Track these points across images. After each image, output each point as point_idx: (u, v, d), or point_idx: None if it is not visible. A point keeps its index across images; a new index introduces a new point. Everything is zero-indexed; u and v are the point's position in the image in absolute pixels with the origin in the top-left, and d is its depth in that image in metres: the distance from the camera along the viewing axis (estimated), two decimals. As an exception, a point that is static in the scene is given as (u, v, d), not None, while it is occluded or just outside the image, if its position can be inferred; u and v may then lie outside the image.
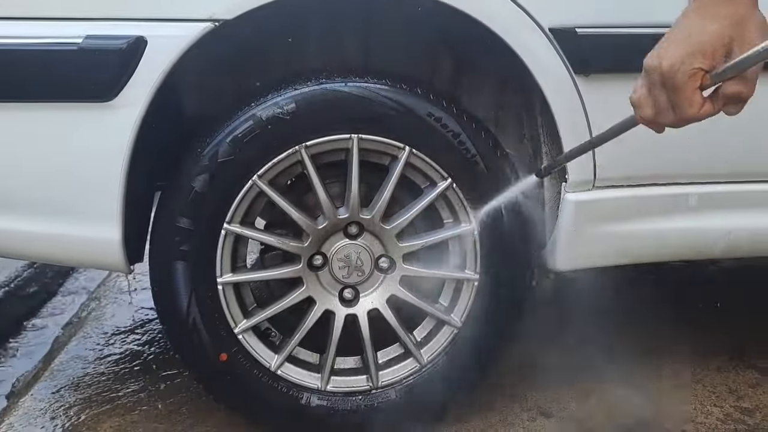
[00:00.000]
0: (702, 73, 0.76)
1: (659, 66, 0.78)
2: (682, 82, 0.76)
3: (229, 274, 1.39)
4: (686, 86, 0.76)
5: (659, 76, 0.78)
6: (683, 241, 1.52)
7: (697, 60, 0.75)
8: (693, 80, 0.76)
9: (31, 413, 1.69)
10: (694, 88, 0.76)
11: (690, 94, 0.77)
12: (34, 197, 1.30)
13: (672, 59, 0.76)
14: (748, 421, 1.58)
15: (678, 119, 0.79)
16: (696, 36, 0.76)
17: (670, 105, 0.79)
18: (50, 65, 1.22)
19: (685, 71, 0.76)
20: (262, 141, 1.33)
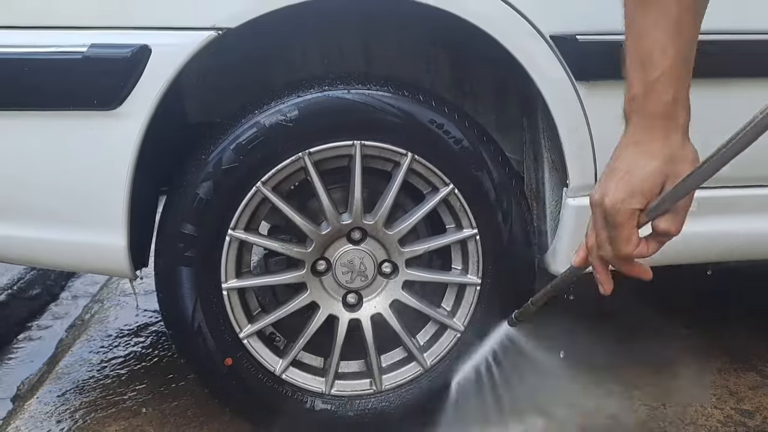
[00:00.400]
0: (639, 212, 0.80)
1: (602, 203, 0.81)
2: (622, 220, 0.79)
3: (234, 279, 1.40)
4: (625, 225, 0.80)
5: (602, 212, 0.81)
6: (682, 245, 1.53)
7: (636, 200, 0.79)
8: (631, 219, 0.79)
9: (37, 416, 1.71)
10: (632, 227, 0.80)
11: (628, 233, 0.80)
12: (39, 204, 1.31)
13: (613, 198, 0.79)
14: (748, 423, 1.59)
15: (615, 256, 0.83)
16: (635, 175, 0.79)
17: (609, 241, 0.82)
18: (55, 74, 1.24)
19: (625, 210, 0.79)
20: (266, 148, 1.34)
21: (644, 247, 0.83)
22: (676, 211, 0.79)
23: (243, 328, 1.42)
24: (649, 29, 0.77)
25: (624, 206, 0.79)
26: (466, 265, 1.49)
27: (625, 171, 0.80)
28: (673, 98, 0.78)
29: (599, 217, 0.82)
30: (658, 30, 0.77)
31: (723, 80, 1.41)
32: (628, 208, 0.79)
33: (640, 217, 0.80)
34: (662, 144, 0.78)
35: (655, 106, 0.78)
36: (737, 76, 1.43)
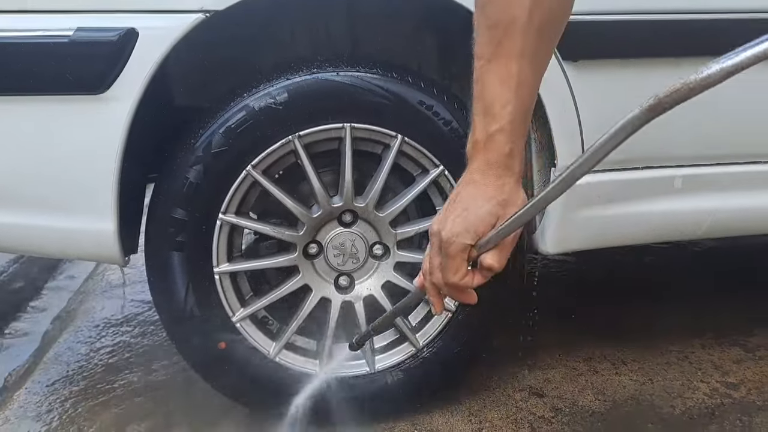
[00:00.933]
0: (470, 247, 0.87)
1: (439, 234, 0.89)
2: (454, 252, 0.87)
3: (226, 263, 1.40)
4: (456, 257, 0.88)
5: (438, 242, 0.89)
6: (669, 223, 1.56)
7: (469, 236, 0.86)
8: (462, 253, 0.87)
9: (26, 406, 1.69)
10: (462, 260, 0.88)
11: (458, 264, 0.88)
12: (27, 190, 1.30)
13: (449, 232, 0.87)
14: (733, 395, 1.63)
15: (444, 283, 0.91)
16: (471, 213, 0.87)
17: (440, 267, 0.90)
18: (42, 58, 1.22)
19: (459, 244, 0.87)
20: (256, 131, 1.34)
21: (470, 278, 0.91)
22: (502, 248, 0.88)
23: (236, 312, 1.42)
24: (493, 83, 0.84)
25: (458, 240, 0.86)
26: (457, 246, 1.50)
27: (462, 208, 0.87)
28: (510, 150, 0.86)
29: (435, 245, 0.90)
30: (502, 86, 0.84)
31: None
32: (461, 242, 0.86)
33: (470, 252, 0.88)
34: (497, 188, 0.86)
35: (494, 155, 0.86)
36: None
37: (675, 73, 1.51)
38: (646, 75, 1.45)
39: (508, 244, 0.88)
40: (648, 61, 1.44)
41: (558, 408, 1.60)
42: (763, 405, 1.58)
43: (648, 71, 1.44)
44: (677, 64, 1.45)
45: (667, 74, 1.46)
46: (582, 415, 1.56)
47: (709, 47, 1.43)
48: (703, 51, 1.43)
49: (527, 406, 1.60)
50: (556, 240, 1.52)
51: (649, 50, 1.42)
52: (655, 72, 1.45)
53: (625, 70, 1.44)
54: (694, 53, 1.43)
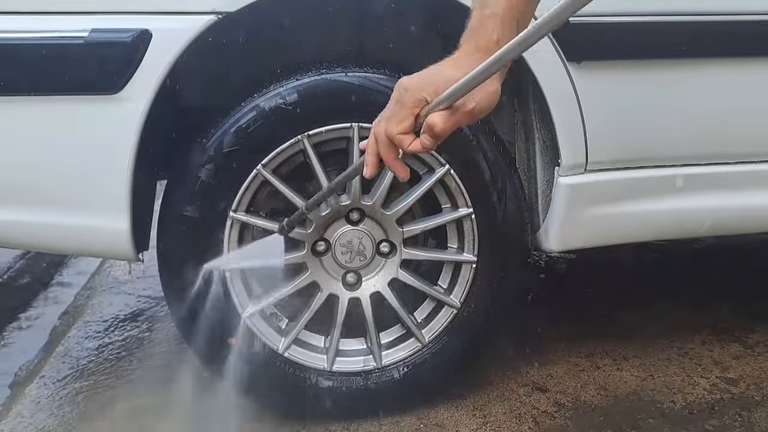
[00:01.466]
0: (424, 104, 0.87)
1: (401, 83, 0.90)
2: (407, 100, 0.88)
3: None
4: (406, 106, 0.88)
5: (397, 89, 0.90)
6: (671, 221, 1.59)
7: (426, 90, 0.87)
8: (414, 106, 0.88)
9: (39, 401, 1.72)
10: (411, 113, 0.88)
11: (405, 115, 0.88)
12: (43, 189, 1.32)
13: (411, 82, 0.89)
14: (733, 391, 1.66)
15: (385, 130, 0.90)
16: (439, 76, 0.88)
17: (388, 117, 0.90)
18: (57, 59, 1.24)
19: (414, 94, 0.87)
20: (266, 131, 1.36)
21: (409, 138, 0.89)
22: (452, 112, 0.86)
23: (245, 308, 1.45)
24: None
25: (415, 92, 0.87)
26: (462, 244, 1.52)
27: (434, 71, 0.89)
28: (497, 40, 0.88)
29: (395, 94, 0.90)
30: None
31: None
32: (417, 94, 0.87)
33: (422, 110, 0.88)
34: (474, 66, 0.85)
35: (483, 40, 0.89)
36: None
37: (676, 74, 1.54)
38: (648, 76, 1.48)
39: (460, 113, 0.87)
40: (649, 63, 1.46)
41: (561, 403, 1.62)
42: (762, 400, 1.61)
43: (650, 72, 1.47)
44: (678, 65, 1.47)
45: (669, 75, 1.50)
46: (584, 410, 1.59)
47: (710, 48, 1.47)
48: (704, 52, 1.47)
49: (530, 401, 1.63)
50: (559, 238, 1.55)
51: (651, 52, 1.45)
52: (657, 73, 1.48)
53: (628, 71, 1.47)
54: (695, 54, 1.46)
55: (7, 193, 1.33)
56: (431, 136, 0.87)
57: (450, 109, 0.86)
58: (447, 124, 0.86)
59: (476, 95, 0.86)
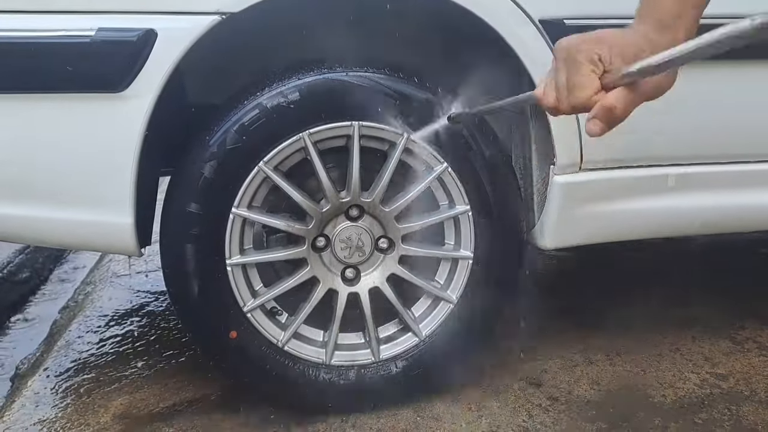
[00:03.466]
0: (602, 65, 0.76)
1: (567, 43, 0.78)
2: (582, 60, 0.75)
3: (238, 256, 1.45)
4: (583, 67, 0.75)
5: (563, 51, 0.78)
6: (664, 219, 1.62)
7: (601, 47, 0.75)
8: (591, 63, 0.75)
9: (40, 393, 1.75)
10: (590, 71, 0.75)
11: (586, 76, 0.75)
12: (49, 185, 1.35)
13: (579, 40, 0.77)
14: (722, 386, 1.70)
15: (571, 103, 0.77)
16: (612, 35, 0.78)
17: (566, 85, 0.77)
18: (64, 57, 1.26)
19: (588, 51, 0.75)
20: (268, 128, 1.39)
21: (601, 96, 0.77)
22: (632, 91, 0.75)
23: (247, 302, 1.47)
24: None
25: (587, 47, 0.76)
26: (459, 240, 1.56)
27: (605, 31, 0.79)
28: (678, 12, 0.79)
29: (561, 59, 0.78)
30: None
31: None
32: (591, 50, 0.75)
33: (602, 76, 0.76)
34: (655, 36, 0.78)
35: (661, 13, 0.79)
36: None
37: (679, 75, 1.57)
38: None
39: (641, 93, 0.75)
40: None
41: (555, 397, 1.66)
42: (750, 395, 1.65)
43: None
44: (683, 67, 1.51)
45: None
46: (577, 404, 1.63)
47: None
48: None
49: (525, 395, 1.67)
50: (554, 235, 1.59)
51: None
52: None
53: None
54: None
55: (14, 189, 1.35)
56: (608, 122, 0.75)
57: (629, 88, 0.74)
58: (627, 107, 0.74)
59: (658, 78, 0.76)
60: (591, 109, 0.76)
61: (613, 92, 0.74)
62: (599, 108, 0.74)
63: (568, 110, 0.79)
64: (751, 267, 2.57)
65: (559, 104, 0.79)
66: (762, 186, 1.64)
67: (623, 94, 0.74)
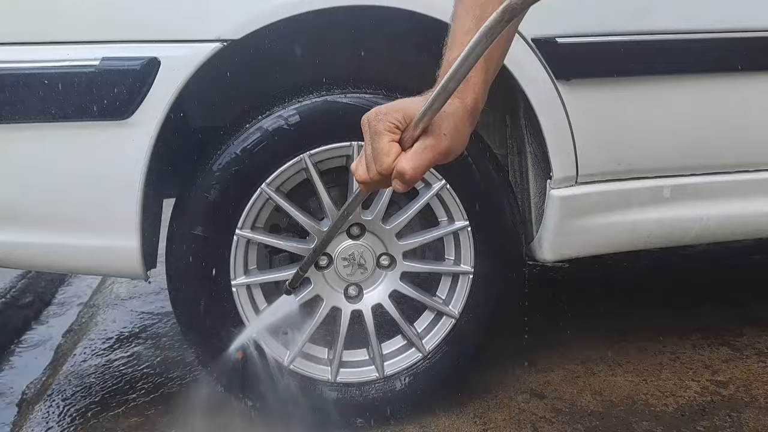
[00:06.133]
0: (399, 131, 0.81)
1: (367, 116, 0.83)
2: (380, 130, 0.80)
3: (242, 276, 1.48)
4: (383, 135, 0.80)
5: (366, 125, 0.83)
6: (659, 230, 1.65)
7: (397, 115, 0.81)
8: (389, 131, 0.80)
9: (48, 418, 1.76)
10: (390, 139, 0.80)
11: (386, 144, 0.80)
12: (57, 212, 1.37)
13: (376, 110, 0.82)
14: (723, 393, 1.72)
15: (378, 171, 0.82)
16: (405, 102, 0.83)
17: (372, 156, 0.82)
18: (69, 87, 1.30)
19: (384, 121, 0.80)
20: (270, 151, 1.42)
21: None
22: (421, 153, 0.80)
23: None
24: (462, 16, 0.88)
25: (385, 117, 0.80)
26: (459, 256, 1.58)
27: (400, 101, 0.84)
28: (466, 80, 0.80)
29: (366, 133, 0.83)
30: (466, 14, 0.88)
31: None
32: (388, 119, 0.80)
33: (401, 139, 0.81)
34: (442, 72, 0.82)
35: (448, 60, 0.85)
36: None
37: (660, 90, 1.61)
38: (634, 92, 1.55)
39: (429, 152, 0.80)
40: (635, 80, 1.53)
41: (558, 408, 1.68)
42: (751, 401, 1.67)
43: (636, 89, 1.54)
44: (663, 82, 1.55)
45: (653, 91, 1.57)
46: (581, 415, 1.64)
47: (693, 65, 1.54)
48: (686, 69, 1.54)
49: (529, 408, 1.68)
50: (552, 248, 1.61)
51: (636, 69, 1.52)
52: (642, 89, 1.55)
53: (615, 87, 1.54)
54: (678, 71, 1.53)
55: (21, 216, 1.38)
56: (403, 183, 0.81)
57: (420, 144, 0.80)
58: (416, 169, 0.80)
59: (449, 132, 0.82)
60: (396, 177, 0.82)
61: (404, 157, 0.80)
62: (394, 172, 0.81)
63: (377, 178, 0.83)
64: (748, 274, 2.60)
65: (368, 174, 0.83)
66: (756, 195, 1.68)
67: (412, 157, 0.80)
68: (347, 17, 1.40)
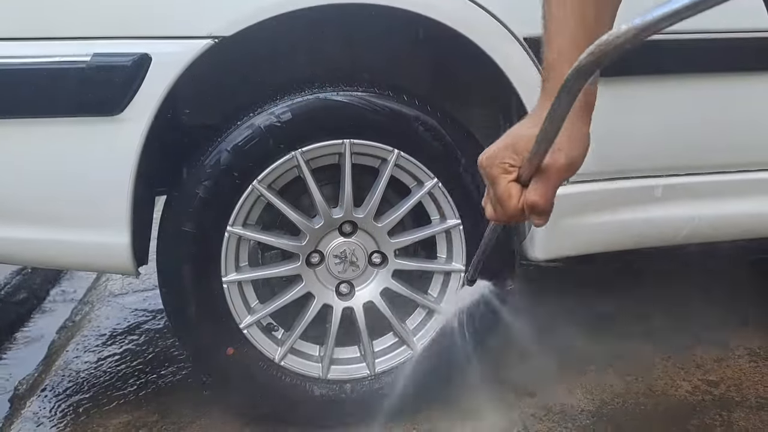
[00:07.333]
0: (515, 169, 0.78)
1: (481, 161, 0.81)
2: (496, 174, 0.78)
3: (233, 273, 1.48)
4: (500, 179, 0.78)
5: (482, 170, 0.81)
6: (650, 230, 1.65)
7: (507, 154, 0.78)
8: (505, 174, 0.78)
9: (40, 413, 1.76)
10: (507, 181, 0.78)
11: (505, 187, 0.78)
12: (47, 208, 1.37)
13: (489, 154, 0.80)
14: (714, 392, 1.72)
15: (507, 213, 0.80)
16: (513, 135, 0.80)
17: (496, 200, 0.80)
18: (61, 82, 1.30)
19: (498, 164, 0.78)
20: (261, 148, 1.42)
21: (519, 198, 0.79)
22: (545, 180, 0.77)
23: (243, 319, 1.50)
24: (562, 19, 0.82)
25: (497, 161, 0.78)
26: (451, 254, 1.58)
27: (510, 133, 0.81)
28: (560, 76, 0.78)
29: (483, 175, 0.82)
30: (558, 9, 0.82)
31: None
32: (499, 161, 0.78)
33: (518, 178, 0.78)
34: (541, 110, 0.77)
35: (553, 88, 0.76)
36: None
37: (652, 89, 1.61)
38: (626, 92, 1.55)
39: (553, 173, 0.76)
40: (627, 79, 1.53)
41: (549, 407, 1.68)
42: (742, 401, 1.68)
43: (628, 88, 1.54)
44: (654, 81, 1.55)
45: (645, 91, 1.57)
46: (571, 414, 1.65)
47: (684, 65, 1.54)
48: (678, 69, 1.54)
49: (520, 406, 1.69)
50: (544, 247, 1.62)
51: (627, 69, 1.51)
52: (634, 89, 1.55)
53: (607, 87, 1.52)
54: (669, 71, 1.54)
55: (11, 211, 1.38)
56: (539, 215, 0.78)
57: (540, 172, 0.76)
58: (546, 196, 0.76)
59: (563, 145, 0.77)
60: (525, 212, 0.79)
61: (529, 190, 0.77)
62: (527, 209, 0.78)
63: (507, 221, 0.82)
64: (740, 275, 2.59)
65: (497, 216, 0.83)
66: (747, 195, 1.68)
67: (537, 187, 0.77)
68: (339, 15, 1.41)
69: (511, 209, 0.79)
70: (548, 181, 0.77)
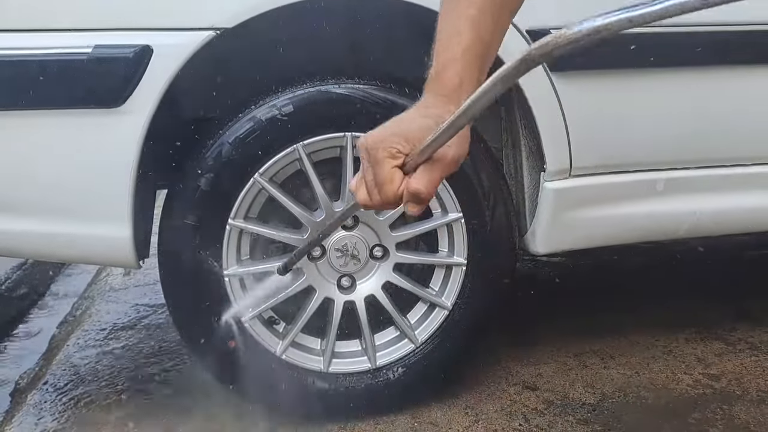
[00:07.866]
0: (402, 156, 0.79)
1: (365, 142, 0.81)
2: (381, 157, 0.79)
3: (235, 266, 1.48)
4: (385, 162, 0.79)
5: (365, 152, 0.81)
6: (652, 224, 1.65)
7: (397, 140, 0.79)
8: (391, 158, 0.79)
9: (41, 407, 1.76)
10: (392, 165, 0.79)
11: (389, 171, 0.79)
12: (48, 200, 1.37)
13: (376, 137, 0.80)
14: (715, 386, 1.72)
15: (382, 199, 0.81)
16: (405, 124, 0.81)
17: (375, 183, 0.81)
18: (62, 74, 1.29)
19: (385, 148, 0.79)
20: (263, 141, 1.42)
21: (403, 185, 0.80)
22: (431, 170, 0.79)
23: (245, 312, 1.49)
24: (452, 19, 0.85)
25: (385, 144, 0.79)
26: (453, 247, 1.58)
27: (398, 121, 0.82)
28: (459, 82, 0.82)
29: (364, 159, 0.82)
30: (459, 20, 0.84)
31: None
32: (388, 146, 0.79)
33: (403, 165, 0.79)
34: (438, 109, 0.81)
35: (445, 86, 0.82)
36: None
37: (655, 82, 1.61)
38: (629, 85, 1.55)
39: (440, 166, 0.79)
40: (629, 72, 1.53)
41: (550, 401, 1.68)
42: (743, 394, 1.68)
43: (630, 81, 1.54)
44: (657, 75, 1.54)
45: (648, 84, 1.57)
46: (573, 407, 1.65)
47: (686, 58, 1.54)
48: (679, 62, 1.54)
49: (521, 399, 1.69)
50: (546, 241, 1.61)
51: (630, 62, 1.51)
52: (637, 82, 1.55)
53: (609, 80, 1.54)
54: (671, 64, 1.53)
55: (13, 204, 1.37)
56: (419, 203, 0.80)
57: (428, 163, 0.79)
58: (431, 186, 0.79)
59: (453, 141, 0.78)
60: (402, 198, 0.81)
61: (414, 178, 0.78)
62: (407, 195, 0.79)
63: (380, 205, 0.83)
64: (741, 268, 2.60)
65: (371, 200, 0.83)
66: (749, 189, 1.68)
67: (423, 176, 0.78)
68: (343, 6, 1.40)
69: (389, 194, 0.80)
70: (435, 172, 0.79)
